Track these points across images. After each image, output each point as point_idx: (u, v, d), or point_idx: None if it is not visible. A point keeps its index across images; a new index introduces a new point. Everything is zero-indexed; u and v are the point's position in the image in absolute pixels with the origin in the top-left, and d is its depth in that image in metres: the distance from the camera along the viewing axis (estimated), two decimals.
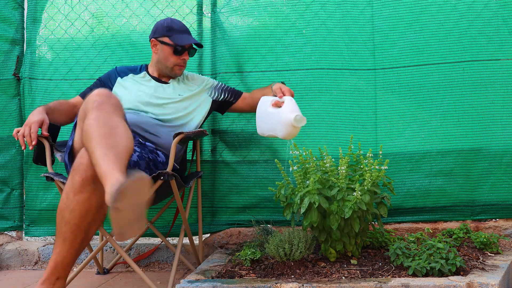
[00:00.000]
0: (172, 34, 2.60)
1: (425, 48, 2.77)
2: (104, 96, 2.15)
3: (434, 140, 2.74)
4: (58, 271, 2.05)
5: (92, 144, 2.00)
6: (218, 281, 2.13)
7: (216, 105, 2.75)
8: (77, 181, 2.03)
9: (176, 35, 2.61)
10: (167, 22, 2.64)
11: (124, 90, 2.63)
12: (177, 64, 2.63)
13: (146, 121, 2.53)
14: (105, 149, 1.97)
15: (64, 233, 2.03)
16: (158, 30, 2.63)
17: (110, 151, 1.97)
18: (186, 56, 2.64)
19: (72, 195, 2.03)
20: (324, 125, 2.82)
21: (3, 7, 3.11)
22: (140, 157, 2.31)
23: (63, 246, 2.04)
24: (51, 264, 2.04)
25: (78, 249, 2.06)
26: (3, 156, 3.09)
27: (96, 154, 1.97)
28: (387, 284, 2.00)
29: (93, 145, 2.00)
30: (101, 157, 1.95)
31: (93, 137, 2.01)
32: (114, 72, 2.72)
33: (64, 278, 2.06)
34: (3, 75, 3.10)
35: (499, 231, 2.68)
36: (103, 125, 2.05)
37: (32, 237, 3.22)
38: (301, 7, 2.89)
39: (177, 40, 2.60)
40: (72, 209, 2.02)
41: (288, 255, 2.26)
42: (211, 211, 2.93)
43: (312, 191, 2.21)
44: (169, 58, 2.62)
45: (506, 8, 2.71)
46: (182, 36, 2.61)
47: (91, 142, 2.01)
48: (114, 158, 1.95)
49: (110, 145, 2.00)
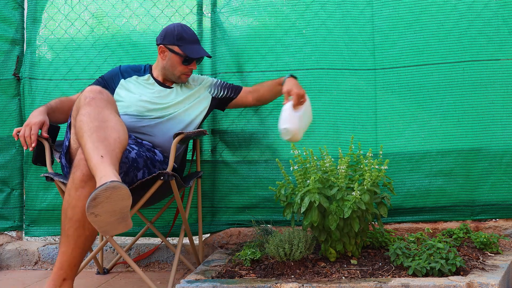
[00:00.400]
0: (183, 44, 2.58)
1: (425, 48, 2.77)
2: (95, 92, 2.15)
3: (434, 140, 2.73)
4: (65, 272, 2.02)
5: (83, 139, 2.01)
6: (218, 281, 2.13)
7: (216, 102, 2.74)
8: (77, 177, 2.03)
9: (186, 45, 2.58)
10: (178, 30, 2.59)
11: (127, 93, 2.62)
12: (184, 73, 2.63)
13: (141, 125, 2.53)
14: (95, 141, 1.97)
15: (67, 231, 2.02)
16: (167, 37, 2.60)
17: (100, 144, 1.97)
18: (194, 66, 2.63)
19: (74, 191, 2.03)
20: (324, 125, 2.82)
21: (3, 7, 3.11)
22: (138, 155, 2.32)
23: (68, 245, 2.02)
24: (57, 265, 2.03)
25: (82, 248, 2.04)
26: (3, 156, 3.09)
27: (87, 148, 1.97)
28: (387, 284, 2.00)
29: (85, 139, 2.00)
30: (92, 150, 1.95)
31: (84, 132, 2.02)
32: (118, 72, 2.70)
33: (71, 279, 2.03)
34: (3, 75, 3.10)
35: (499, 231, 2.68)
36: (94, 119, 2.05)
37: (32, 237, 3.22)
38: (301, 7, 2.89)
39: (188, 52, 2.57)
40: (74, 206, 2.02)
41: (288, 255, 2.26)
42: (211, 211, 2.93)
43: (312, 190, 2.21)
44: (177, 66, 2.61)
45: (506, 8, 2.71)
46: (192, 48, 2.59)
47: (83, 137, 2.01)
48: (105, 151, 1.95)
49: (101, 137, 1.99)
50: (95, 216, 1.80)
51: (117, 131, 2.05)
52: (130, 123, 2.52)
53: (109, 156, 1.95)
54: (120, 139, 2.04)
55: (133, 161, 2.27)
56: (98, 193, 1.78)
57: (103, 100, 2.13)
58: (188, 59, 2.59)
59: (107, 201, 1.80)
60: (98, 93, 2.15)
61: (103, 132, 2.02)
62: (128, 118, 2.53)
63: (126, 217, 1.87)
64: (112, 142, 2.00)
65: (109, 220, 1.83)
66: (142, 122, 2.54)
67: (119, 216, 1.85)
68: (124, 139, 2.06)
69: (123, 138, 2.06)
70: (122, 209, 1.85)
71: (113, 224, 1.85)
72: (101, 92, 2.16)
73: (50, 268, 2.99)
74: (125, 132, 2.09)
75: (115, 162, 1.95)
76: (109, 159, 1.94)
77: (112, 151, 1.98)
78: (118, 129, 2.07)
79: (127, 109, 2.56)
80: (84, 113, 2.07)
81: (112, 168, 1.91)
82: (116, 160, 1.98)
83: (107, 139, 2.00)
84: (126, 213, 1.86)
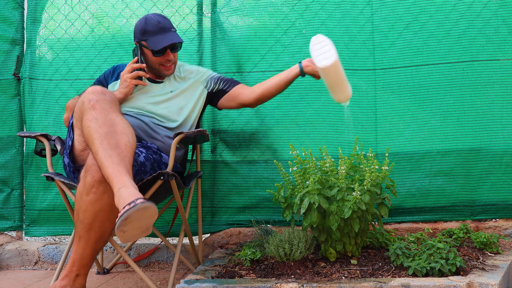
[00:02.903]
0: (147, 37, 2.49)
1: (425, 48, 2.77)
2: (98, 93, 2.15)
3: (434, 140, 2.74)
4: (77, 269, 2.10)
5: (94, 146, 2.03)
6: (218, 281, 2.13)
7: (210, 97, 2.65)
8: (88, 182, 2.06)
9: (150, 38, 2.48)
10: (141, 24, 2.51)
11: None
12: (161, 63, 2.53)
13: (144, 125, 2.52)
14: (108, 149, 2.01)
15: (79, 232, 2.09)
16: (135, 34, 2.54)
17: (113, 151, 2.01)
18: (169, 56, 2.53)
19: (85, 195, 2.07)
20: (324, 125, 2.82)
21: (3, 7, 3.11)
22: (147, 158, 2.31)
23: (79, 245, 2.09)
24: (70, 262, 2.11)
25: (94, 248, 2.11)
26: (3, 156, 3.09)
27: (100, 156, 2.01)
28: (387, 284, 2.00)
29: (96, 146, 2.03)
30: (106, 158, 1.99)
31: (95, 138, 2.04)
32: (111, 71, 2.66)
33: (84, 275, 2.11)
34: (3, 75, 3.10)
35: (499, 231, 2.68)
36: (102, 124, 2.07)
37: (32, 237, 3.23)
38: (301, 7, 2.89)
39: (152, 44, 2.48)
40: (85, 209, 2.07)
41: (288, 255, 2.26)
42: (211, 211, 2.94)
43: (312, 191, 2.21)
44: (152, 59, 2.52)
45: (506, 8, 2.71)
46: (156, 38, 2.48)
47: (93, 144, 2.04)
48: (118, 158, 2.00)
49: (112, 144, 2.02)
50: (124, 232, 1.87)
51: (126, 135, 2.09)
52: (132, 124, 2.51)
53: (123, 164, 2.00)
54: (130, 143, 2.08)
55: (141, 164, 2.27)
56: (130, 214, 1.83)
57: (106, 101, 2.14)
58: (157, 51, 2.49)
59: (137, 219, 1.86)
60: (101, 94, 2.15)
61: (114, 138, 2.05)
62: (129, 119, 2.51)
63: (149, 227, 1.94)
64: (123, 148, 2.04)
65: (134, 233, 1.90)
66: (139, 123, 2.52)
67: (144, 229, 1.93)
68: (134, 142, 2.10)
69: (133, 141, 2.10)
70: (148, 224, 1.92)
71: (137, 235, 1.94)
72: (103, 93, 2.17)
73: (50, 268, 2.99)
74: (133, 135, 2.13)
75: (129, 169, 2.01)
76: (124, 167, 1.99)
77: (125, 157, 2.02)
78: (127, 132, 2.10)
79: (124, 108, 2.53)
80: (91, 118, 2.08)
81: (129, 178, 1.97)
82: (130, 166, 2.03)
83: (118, 145, 2.03)
84: (150, 225, 1.94)
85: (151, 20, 2.50)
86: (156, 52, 2.49)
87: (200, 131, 2.47)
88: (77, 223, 2.09)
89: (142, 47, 2.52)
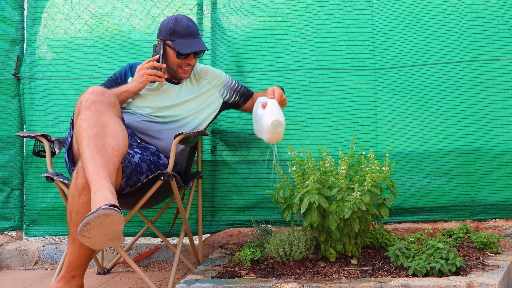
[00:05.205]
0: (175, 38, 2.50)
1: (425, 48, 2.77)
2: (96, 94, 2.12)
3: (434, 140, 2.74)
4: (73, 270, 2.09)
5: (82, 147, 2.00)
6: (218, 281, 2.13)
7: (225, 106, 2.70)
8: (79, 184, 2.04)
9: (178, 40, 2.50)
10: (170, 24, 2.52)
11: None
12: (180, 66, 2.54)
13: (148, 127, 2.52)
14: (93, 151, 1.97)
15: (73, 234, 2.06)
16: (162, 31, 2.55)
17: (97, 153, 1.97)
18: (191, 60, 2.55)
19: (77, 197, 2.05)
20: (324, 125, 2.82)
21: (3, 7, 3.11)
22: (142, 159, 2.31)
23: (74, 246, 2.07)
24: (65, 264, 2.09)
25: (88, 250, 2.08)
26: (3, 156, 3.09)
27: (85, 157, 1.98)
28: (387, 284, 2.00)
29: (83, 147, 2.00)
30: (89, 160, 1.96)
31: (83, 139, 2.01)
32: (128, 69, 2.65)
33: (80, 276, 2.10)
34: (3, 75, 3.10)
35: (499, 231, 2.68)
36: (93, 125, 2.03)
37: (32, 237, 3.22)
38: (301, 7, 2.88)
39: (179, 47, 2.49)
40: (77, 211, 2.05)
41: (288, 255, 2.26)
42: (211, 211, 2.93)
43: (311, 191, 2.21)
44: (173, 60, 2.53)
45: (506, 8, 2.71)
46: (184, 42, 2.50)
47: (81, 144, 2.01)
48: (101, 161, 1.95)
49: (99, 146, 1.99)
50: (87, 238, 1.81)
51: (116, 138, 2.04)
52: (138, 123, 2.51)
53: (105, 167, 1.95)
54: (118, 146, 2.03)
55: (136, 165, 2.26)
56: (90, 220, 1.78)
57: (103, 103, 2.11)
58: (182, 54, 2.51)
59: (99, 226, 1.80)
60: (100, 95, 2.12)
61: (101, 140, 2.00)
62: (135, 118, 2.51)
63: (118, 235, 1.87)
64: (110, 151, 1.99)
65: (101, 240, 1.84)
66: (149, 124, 2.52)
67: (111, 236, 1.86)
68: (123, 145, 2.05)
69: (122, 144, 2.04)
70: (115, 232, 1.85)
71: (106, 243, 1.88)
72: (102, 94, 2.13)
73: (50, 268, 2.99)
74: (125, 137, 2.08)
75: (111, 173, 1.95)
76: (106, 170, 1.94)
77: (109, 160, 1.97)
78: (117, 135, 2.05)
79: (136, 109, 2.54)
80: (84, 118, 2.05)
81: (107, 181, 1.91)
82: (113, 170, 1.97)
83: (104, 147, 1.99)
84: (118, 233, 1.87)
85: (181, 23, 2.52)
86: (181, 54, 2.50)
87: (201, 132, 2.48)
88: (70, 225, 2.06)
89: (166, 46, 2.53)
